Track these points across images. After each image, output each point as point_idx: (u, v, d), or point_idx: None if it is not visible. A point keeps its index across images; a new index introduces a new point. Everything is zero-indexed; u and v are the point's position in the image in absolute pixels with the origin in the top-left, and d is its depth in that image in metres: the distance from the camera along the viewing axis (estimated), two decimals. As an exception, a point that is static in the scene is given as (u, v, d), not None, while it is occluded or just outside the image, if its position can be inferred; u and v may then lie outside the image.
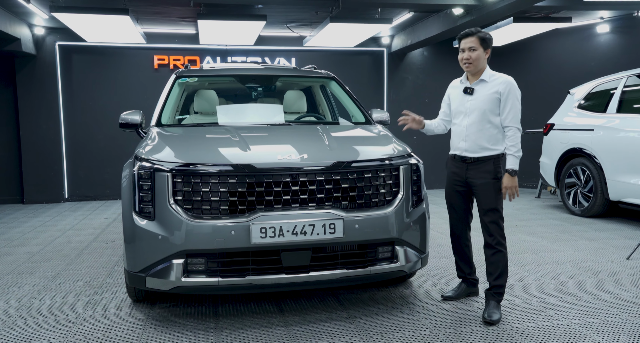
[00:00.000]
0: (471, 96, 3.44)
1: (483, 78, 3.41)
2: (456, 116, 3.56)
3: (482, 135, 3.39)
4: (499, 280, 3.39)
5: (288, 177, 3.20)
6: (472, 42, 3.37)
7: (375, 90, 10.00)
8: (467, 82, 3.51)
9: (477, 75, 3.44)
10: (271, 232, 3.09)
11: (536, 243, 5.42)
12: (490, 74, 3.43)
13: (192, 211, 3.13)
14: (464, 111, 3.47)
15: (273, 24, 8.54)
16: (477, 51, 3.36)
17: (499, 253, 3.38)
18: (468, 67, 3.40)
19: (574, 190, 7.04)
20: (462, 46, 3.42)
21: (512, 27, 7.61)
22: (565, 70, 9.37)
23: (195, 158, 3.22)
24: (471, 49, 3.37)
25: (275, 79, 5.04)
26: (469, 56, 3.37)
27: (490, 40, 3.42)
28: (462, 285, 3.78)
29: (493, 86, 3.38)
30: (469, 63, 3.38)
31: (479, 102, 3.40)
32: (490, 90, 3.38)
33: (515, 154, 3.31)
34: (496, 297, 3.40)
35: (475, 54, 3.36)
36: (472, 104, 3.44)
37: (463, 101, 3.49)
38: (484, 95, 3.39)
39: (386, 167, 3.42)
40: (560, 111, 7.58)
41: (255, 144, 3.48)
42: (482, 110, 3.39)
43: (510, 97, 3.34)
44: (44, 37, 8.64)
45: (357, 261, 3.31)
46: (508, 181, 3.32)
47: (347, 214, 3.23)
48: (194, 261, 3.12)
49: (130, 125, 4.29)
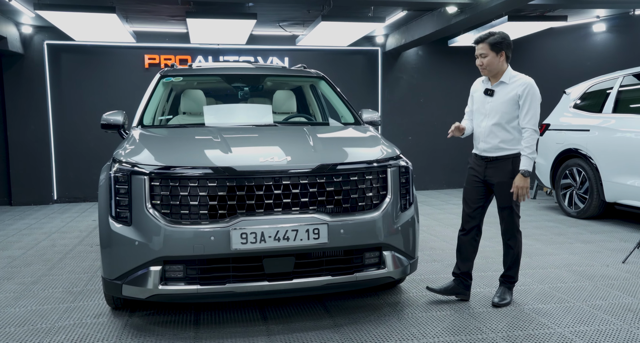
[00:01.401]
0: (491, 97, 3.50)
1: (503, 80, 3.47)
2: (477, 116, 3.63)
3: (501, 137, 3.46)
4: (510, 271, 3.64)
5: (270, 180, 3.08)
6: (482, 49, 3.46)
7: (369, 90, 9.88)
8: (488, 83, 3.57)
9: (497, 76, 3.50)
10: (252, 238, 2.97)
11: (531, 246, 5.30)
12: (510, 76, 3.48)
13: (170, 216, 3.00)
14: (484, 112, 3.54)
15: (265, 22, 8.41)
16: (488, 56, 3.44)
17: (510, 249, 3.59)
18: (483, 72, 3.52)
19: (570, 191, 6.93)
20: (476, 53, 3.52)
21: (507, 26, 7.48)
22: (561, 69, 9.28)
23: (173, 161, 3.10)
24: (482, 55, 3.46)
25: (263, 79, 4.92)
26: (481, 62, 3.47)
27: (503, 43, 3.44)
28: (452, 282, 3.74)
29: (512, 88, 3.43)
30: (483, 68, 3.49)
31: (498, 105, 3.46)
32: (509, 92, 3.43)
33: (529, 155, 3.36)
34: (507, 284, 3.67)
35: (486, 60, 3.44)
36: (491, 106, 3.50)
37: (484, 103, 3.55)
38: (503, 97, 3.45)
39: (373, 169, 3.30)
40: (555, 111, 7.47)
41: (237, 146, 3.36)
42: (501, 112, 3.45)
43: (528, 98, 3.38)
44: (32, 36, 8.49)
45: (342, 268, 3.20)
46: (520, 181, 3.38)
47: (332, 218, 3.11)
48: (172, 268, 2.99)
49: (112, 126, 4.16)
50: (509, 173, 3.45)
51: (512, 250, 3.57)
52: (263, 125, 4.07)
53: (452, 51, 9.46)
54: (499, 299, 3.60)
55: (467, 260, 3.68)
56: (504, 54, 3.44)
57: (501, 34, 3.46)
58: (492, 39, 3.42)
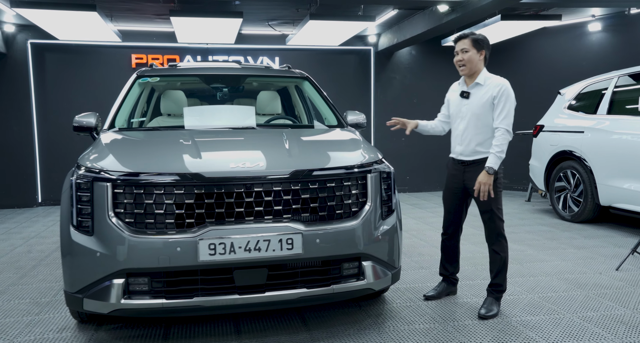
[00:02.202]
0: (467, 100, 3.48)
1: (478, 81, 3.44)
2: (454, 119, 3.61)
3: (477, 139, 3.44)
4: (496, 279, 3.50)
5: (242, 187, 2.90)
6: (464, 44, 3.42)
7: (362, 90, 9.71)
8: (464, 86, 3.53)
9: (473, 78, 3.46)
10: (221, 249, 2.79)
11: (522, 252, 5.14)
12: (485, 77, 3.45)
13: (134, 226, 2.83)
14: (461, 115, 3.52)
15: (254, 21, 8.24)
16: (469, 52, 3.40)
17: (495, 254, 3.48)
18: (462, 69, 3.44)
19: (564, 194, 6.77)
20: (455, 49, 3.47)
21: (500, 26, 7.34)
22: (556, 70, 9.10)
23: (137, 166, 2.92)
24: (463, 50, 3.41)
25: (243, 79, 4.74)
26: (461, 58, 3.42)
27: (485, 41, 3.44)
28: (443, 283, 3.81)
29: (488, 90, 3.41)
30: (463, 64, 3.42)
31: (473, 107, 3.44)
32: (485, 94, 3.41)
33: (497, 154, 3.33)
34: (495, 294, 3.53)
35: (467, 56, 3.40)
36: (467, 109, 3.47)
37: (460, 105, 3.53)
38: (479, 99, 3.42)
39: (352, 175, 3.13)
40: (550, 112, 7.31)
41: (208, 150, 3.18)
42: (477, 114, 3.42)
43: (503, 99, 3.36)
44: (15, 34, 8.31)
45: (319, 279, 3.02)
46: (483, 177, 3.34)
47: (307, 228, 2.93)
48: (136, 281, 2.82)
49: (85, 128, 3.99)
50: None
51: (499, 255, 3.47)
52: (240, 128, 3.89)
53: (445, 50, 9.29)
54: (485, 310, 3.46)
55: (454, 261, 3.78)
56: (484, 53, 3.43)
57: (482, 35, 3.49)
58: (475, 36, 3.44)
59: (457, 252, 3.77)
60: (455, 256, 3.77)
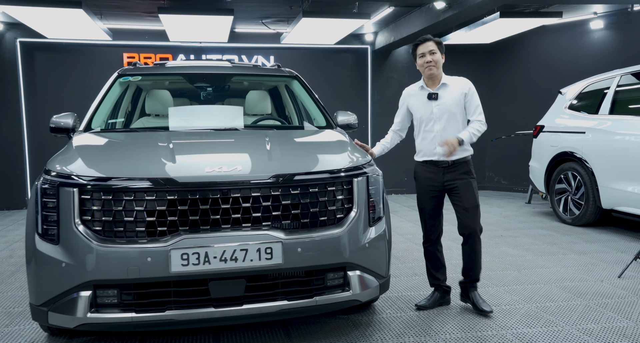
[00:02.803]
0: (436, 101, 3.49)
1: (444, 82, 3.49)
2: (423, 122, 3.56)
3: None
4: (477, 273, 3.54)
5: (217, 193, 2.72)
6: (431, 46, 3.43)
7: (358, 90, 9.52)
8: (428, 89, 3.53)
9: (437, 80, 3.51)
10: (194, 259, 2.61)
11: (520, 257, 4.95)
12: (448, 78, 3.52)
13: (102, 234, 2.65)
14: (433, 117, 3.50)
15: (247, 19, 8.06)
16: (437, 54, 3.43)
17: (475, 252, 3.48)
18: (432, 69, 3.43)
19: (565, 197, 6.57)
20: (421, 51, 3.46)
21: (499, 23, 7.15)
22: (556, 69, 8.89)
23: (107, 171, 2.74)
24: (431, 52, 3.42)
25: (230, 78, 4.55)
26: (430, 59, 3.41)
27: (443, 45, 3.51)
28: (436, 293, 3.67)
29: (457, 89, 3.48)
30: (432, 65, 3.41)
31: (447, 106, 3.46)
32: (456, 93, 3.47)
33: (471, 133, 3.41)
34: (475, 287, 3.57)
35: (436, 57, 3.42)
36: (440, 109, 3.48)
37: (429, 107, 3.51)
38: (451, 98, 3.47)
39: (337, 180, 2.94)
40: (550, 112, 7.12)
41: (184, 154, 3.00)
42: (454, 113, 3.47)
43: (474, 95, 3.50)
44: (3, 33, 8.14)
45: (300, 291, 2.84)
46: (453, 140, 3.33)
47: (287, 236, 2.75)
48: (104, 294, 2.64)
49: (62, 130, 3.80)
50: (467, 173, 3.48)
51: (478, 250, 3.49)
52: (223, 129, 3.71)
53: (443, 49, 9.09)
54: (488, 307, 3.48)
55: (442, 268, 3.67)
56: (444, 56, 3.49)
57: None
58: (438, 39, 3.47)
59: (443, 258, 3.68)
60: (442, 262, 3.68)
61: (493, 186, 9.92)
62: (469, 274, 3.54)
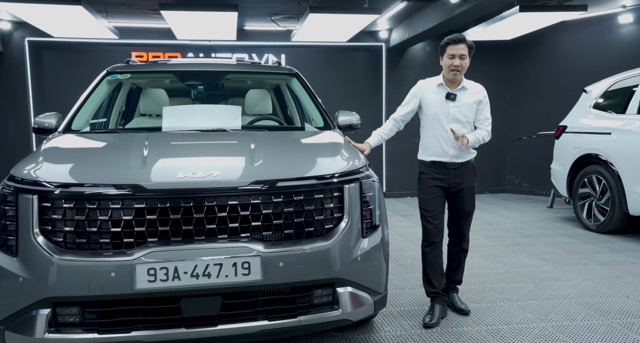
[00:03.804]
0: (453, 102, 3.37)
1: (464, 85, 3.38)
2: (434, 120, 3.42)
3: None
4: (461, 275, 3.58)
5: (190, 201, 2.46)
6: (463, 50, 3.26)
7: (372, 89, 9.21)
8: (445, 88, 3.39)
9: (457, 82, 3.38)
10: (162, 274, 2.36)
11: (538, 268, 4.58)
12: (467, 82, 3.42)
13: (63, 246, 2.41)
14: (446, 117, 3.38)
15: (256, 16, 7.83)
16: (466, 59, 3.28)
17: (465, 252, 3.54)
18: (456, 74, 3.29)
19: (589, 202, 6.16)
20: (451, 52, 3.27)
21: (519, 18, 6.74)
22: (581, 66, 8.43)
23: (69, 176, 2.51)
24: (462, 56, 3.26)
25: (223, 76, 4.30)
26: (459, 64, 3.26)
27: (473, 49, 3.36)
28: (436, 305, 3.41)
29: (474, 94, 3.39)
30: (458, 71, 3.28)
31: (463, 110, 3.37)
32: (472, 98, 3.38)
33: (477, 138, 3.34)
34: (456, 290, 3.61)
35: (465, 62, 3.28)
36: (455, 111, 3.38)
37: (444, 106, 3.38)
38: (467, 103, 3.38)
39: (325, 187, 2.65)
40: (574, 111, 6.70)
41: (157, 157, 2.75)
42: (467, 117, 3.40)
43: (487, 105, 3.43)
44: (11, 32, 8.06)
45: (283, 309, 2.56)
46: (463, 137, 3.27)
47: (267, 249, 2.48)
48: (64, 312, 2.40)
49: (46, 130, 3.61)
50: (473, 176, 3.44)
51: (466, 252, 3.55)
52: (211, 130, 3.45)
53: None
54: (464, 306, 3.52)
55: (440, 275, 3.46)
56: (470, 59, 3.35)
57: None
58: (470, 41, 3.30)
59: (442, 264, 3.48)
60: (442, 269, 3.49)
61: (513, 189, 9.50)
62: (453, 276, 3.55)
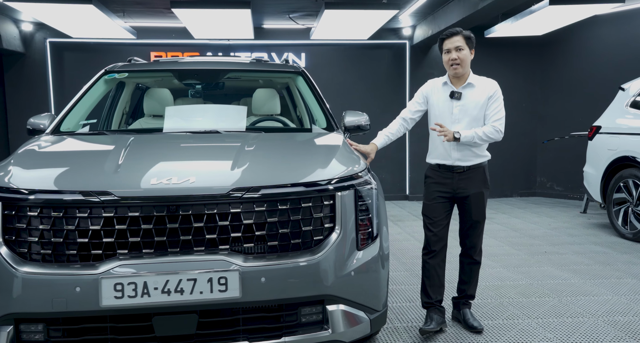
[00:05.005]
0: (459, 101, 3.18)
1: (471, 82, 3.17)
2: (438, 120, 3.22)
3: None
4: (473, 289, 3.38)
5: (163, 210, 2.26)
6: (458, 41, 3.11)
7: (396, 88, 8.90)
8: (451, 86, 3.21)
9: (463, 79, 3.20)
10: (130, 290, 2.16)
11: (564, 281, 4.22)
12: (476, 78, 3.22)
13: (27, 258, 2.24)
14: (452, 118, 3.19)
15: (274, 14, 7.64)
16: (464, 50, 3.11)
17: (477, 264, 3.33)
18: (456, 68, 3.13)
19: (625, 208, 5.73)
20: (446, 47, 3.14)
21: (549, 12, 6.35)
22: (618, 62, 7.91)
23: (35, 182, 2.34)
24: (458, 48, 3.10)
25: (224, 75, 4.10)
26: (456, 56, 3.10)
27: (473, 39, 3.17)
28: (433, 315, 3.23)
29: (483, 90, 3.17)
30: (457, 64, 3.11)
31: (469, 109, 3.16)
32: (481, 95, 3.16)
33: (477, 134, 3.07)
34: (469, 305, 3.39)
35: (462, 54, 3.11)
36: (461, 110, 3.18)
37: (449, 107, 3.21)
38: (475, 100, 3.16)
39: (314, 194, 2.41)
40: (609, 110, 6.26)
41: (133, 162, 2.55)
42: (474, 116, 3.17)
43: (498, 100, 3.17)
44: (33, 33, 8.09)
45: (266, 329, 2.34)
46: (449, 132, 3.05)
47: (247, 263, 2.25)
48: (28, 329, 2.24)
49: (40, 132, 3.48)
50: (482, 182, 3.21)
51: (479, 264, 3.34)
52: (202, 132, 3.25)
53: (489, 42, 8.34)
54: (478, 323, 3.27)
55: (439, 286, 3.26)
56: (473, 52, 3.15)
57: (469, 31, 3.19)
58: (466, 33, 3.12)
59: (443, 276, 3.29)
60: (442, 281, 3.28)
61: (545, 193, 9.03)
62: (465, 290, 3.35)
